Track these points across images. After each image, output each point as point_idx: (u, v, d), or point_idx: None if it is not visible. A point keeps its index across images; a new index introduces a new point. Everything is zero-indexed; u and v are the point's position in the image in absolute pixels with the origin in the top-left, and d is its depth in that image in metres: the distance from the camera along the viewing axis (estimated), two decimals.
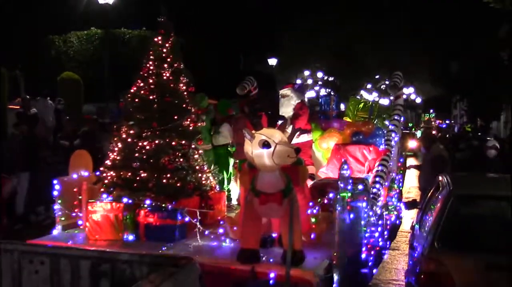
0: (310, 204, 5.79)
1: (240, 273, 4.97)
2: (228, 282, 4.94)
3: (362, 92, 38.25)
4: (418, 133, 30.93)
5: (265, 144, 4.74)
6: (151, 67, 6.47)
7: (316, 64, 35.94)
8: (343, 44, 31.73)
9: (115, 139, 6.31)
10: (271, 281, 4.84)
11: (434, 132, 25.74)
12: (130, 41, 24.27)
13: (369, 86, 38.04)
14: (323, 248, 5.47)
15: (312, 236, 5.72)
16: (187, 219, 5.73)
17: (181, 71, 6.64)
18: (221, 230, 5.84)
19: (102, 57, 19.97)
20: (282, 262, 4.95)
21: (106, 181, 6.12)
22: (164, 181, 5.93)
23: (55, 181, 6.14)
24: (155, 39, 6.58)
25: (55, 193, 6.11)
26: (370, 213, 6.58)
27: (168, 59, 6.52)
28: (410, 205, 7.98)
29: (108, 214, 5.71)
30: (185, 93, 6.59)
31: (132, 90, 6.44)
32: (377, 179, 7.81)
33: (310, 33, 32.21)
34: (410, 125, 41.90)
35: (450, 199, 5.33)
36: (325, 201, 5.70)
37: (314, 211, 5.68)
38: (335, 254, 5.12)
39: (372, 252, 6.80)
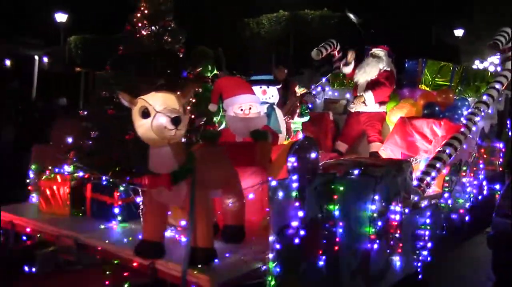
0: None
1: (140, 267, 4.13)
2: (128, 276, 4.16)
3: None
4: None
5: (145, 113, 3.73)
6: (135, 27, 5.79)
7: None
8: None
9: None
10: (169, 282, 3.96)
11: None
12: (312, 21, 26.95)
13: None
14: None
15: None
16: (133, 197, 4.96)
17: (167, 31, 5.81)
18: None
19: (288, 36, 24.50)
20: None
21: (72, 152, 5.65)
22: (119, 154, 5.26)
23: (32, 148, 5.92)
24: None
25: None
26: (371, 213, 4.58)
27: (152, 18, 5.76)
28: None
29: (56, 186, 5.24)
30: (169, 55, 5.75)
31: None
32: (433, 162, 6.12)
33: None
34: None
35: None
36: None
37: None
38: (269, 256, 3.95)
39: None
